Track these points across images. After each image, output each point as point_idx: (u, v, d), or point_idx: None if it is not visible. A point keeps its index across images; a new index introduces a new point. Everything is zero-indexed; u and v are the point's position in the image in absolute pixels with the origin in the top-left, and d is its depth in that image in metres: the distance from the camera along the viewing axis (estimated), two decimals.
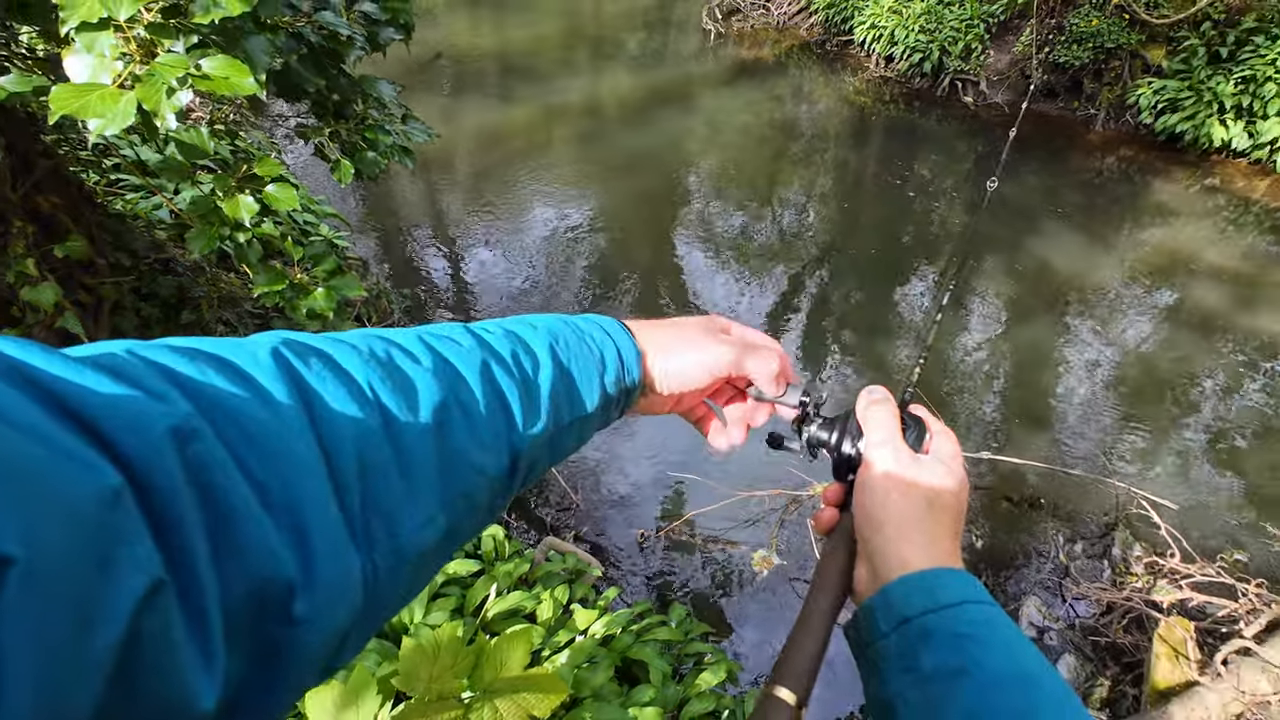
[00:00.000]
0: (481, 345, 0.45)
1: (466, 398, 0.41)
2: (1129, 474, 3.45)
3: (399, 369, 0.38)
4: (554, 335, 0.49)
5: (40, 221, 1.88)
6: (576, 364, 0.49)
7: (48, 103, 0.90)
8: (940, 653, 0.41)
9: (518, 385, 0.44)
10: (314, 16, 1.52)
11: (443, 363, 0.41)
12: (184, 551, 0.24)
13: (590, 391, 0.49)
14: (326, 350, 0.37)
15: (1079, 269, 5.11)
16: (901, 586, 0.45)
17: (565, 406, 0.47)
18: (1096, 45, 6.99)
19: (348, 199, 5.67)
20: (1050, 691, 0.40)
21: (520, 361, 0.46)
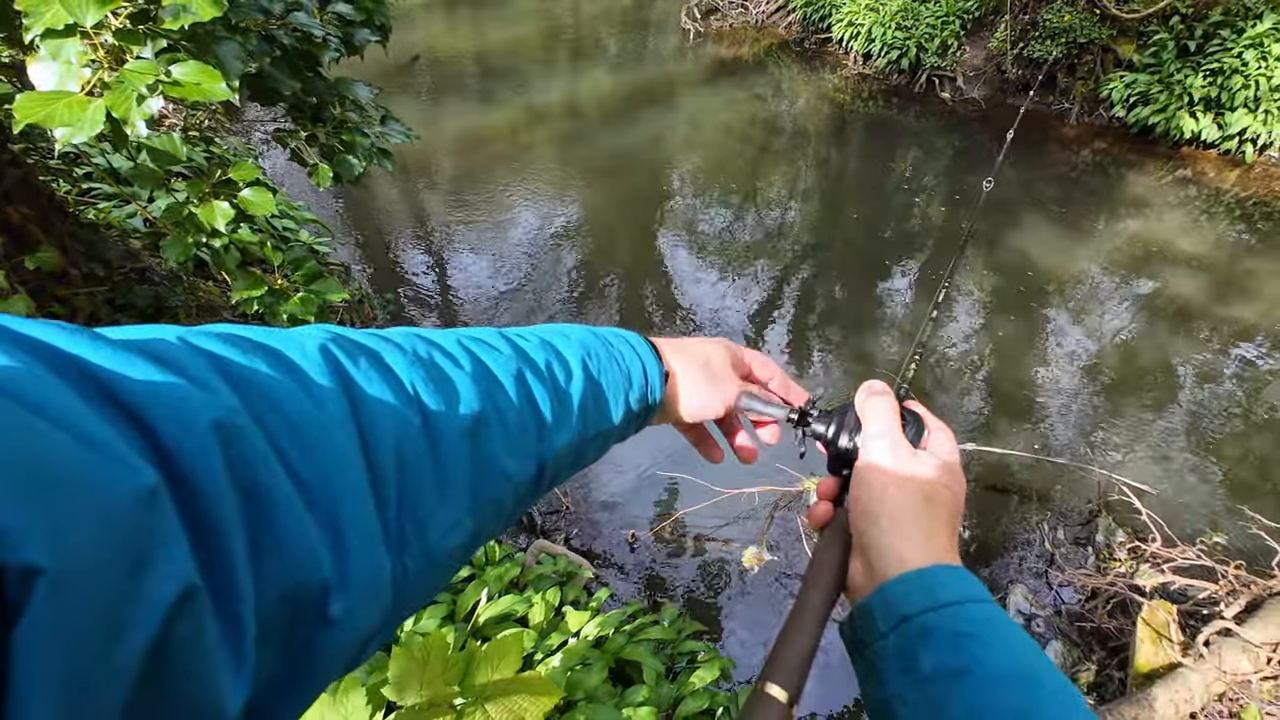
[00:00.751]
0: (518, 353, 0.45)
1: (503, 404, 0.41)
2: (1110, 461, 3.51)
3: (441, 371, 0.39)
4: (586, 348, 0.50)
5: (10, 232, 1.83)
6: (605, 378, 0.50)
7: (12, 111, 0.88)
8: (940, 652, 0.41)
9: (550, 394, 0.45)
10: (286, 19, 1.50)
11: (482, 368, 0.42)
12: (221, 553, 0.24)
13: (616, 406, 0.50)
14: (373, 347, 0.37)
15: (1057, 261, 5.19)
16: (900, 585, 0.44)
17: (593, 419, 0.48)
18: (1069, 40, 7.11)
19: (328, 204, 5.61)
20: (1052, 689, 0.39)
21: (554, 371, 0.46)
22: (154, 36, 0.98)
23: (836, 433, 0.56)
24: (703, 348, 0.60)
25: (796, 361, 4.29)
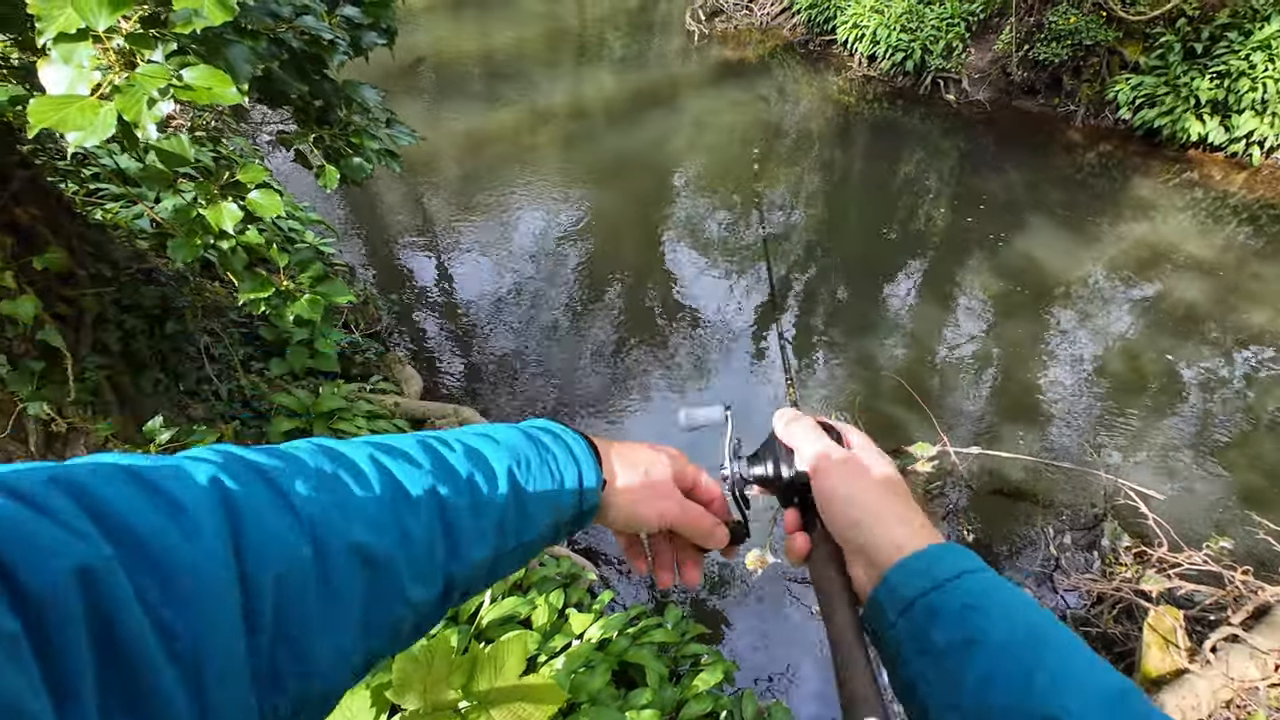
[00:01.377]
0: (438, 465, 0.44)
1: (411, 524, 0.40)
2: (1115, 465, 3.49)
3: (344, 493, 0.38)
4: (515, 455, 0.49)
5: (18, 233, 1.84)
6: (535, 486, 0.49)
7: (26, 115, 0.88)
8: (949, 628, 0.42)
9: (468, 509, 0.44)
10: (295, 22, 1.51)
11: (392, 486, 0.41)
12: (78, 702, 0.24)
13: (543, 515, 0.49)
14: (269, 472, 0.36)
15: (1062, 263, 5.17)
16: (899, 572, 0.46)
17: (513, 532, 0.47)
18: (1075, 42, 7.09)
19: (332, 205, 5.62)
20: (1055, 645, 0.41)
21: (475, 483, 0.45)
22: (165, 40, 0.99)
23: (776, 468, 0.58)
24: (648, 456, 0.58)
25: (800, 362, 4.28)
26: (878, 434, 3.11)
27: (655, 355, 4.25)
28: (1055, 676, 0.39)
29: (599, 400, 3.90)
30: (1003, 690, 0.39)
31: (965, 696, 0.40)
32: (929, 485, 3.40)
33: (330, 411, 2.68)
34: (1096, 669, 0.40)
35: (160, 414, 2.04)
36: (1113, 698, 0.38)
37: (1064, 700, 0.37)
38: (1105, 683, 0.39)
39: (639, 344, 4.32)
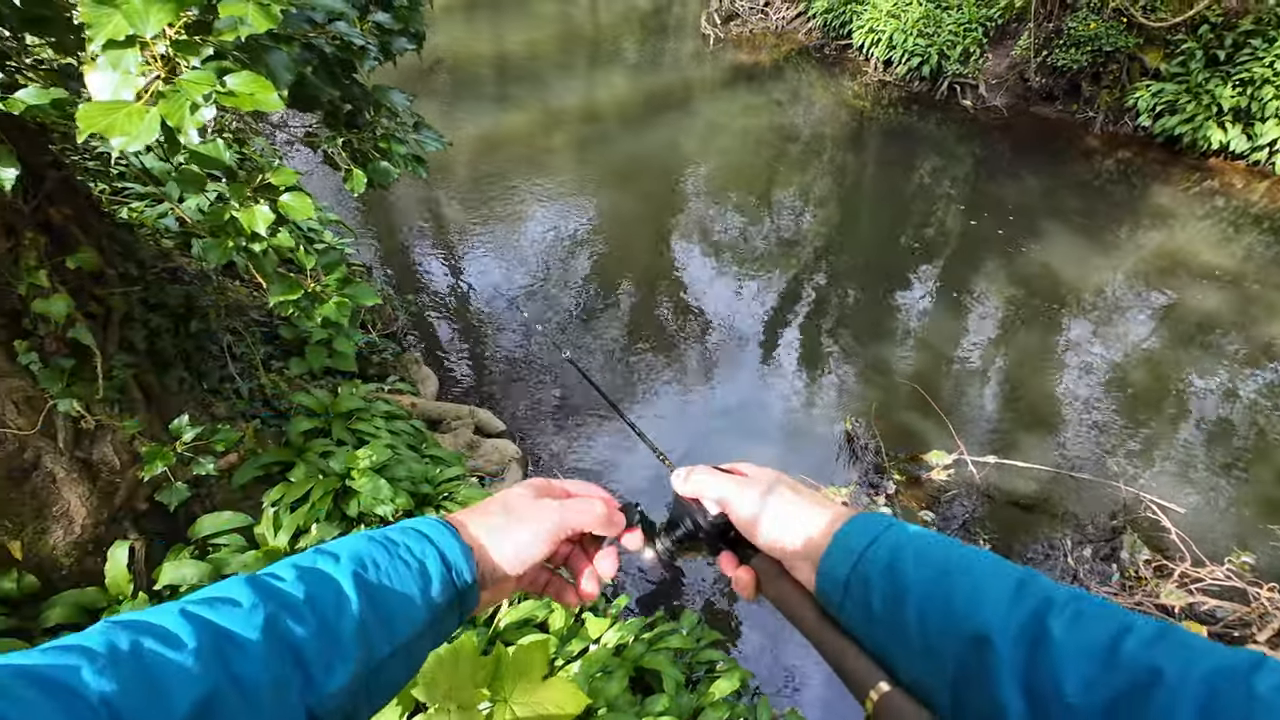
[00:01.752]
0: (267, 598, 0.42)
1: (244, 670, 0.38)
2: (1135, 477, 3.45)
3: (146, 665, 0.36)
4: (359, 561, 0.47)
5: (51, 233, 1.87)
6: (390, 583, 0.47)
7: (68, 119, 0.90)
8: (882, 591, 0.47)
9: (313, 634, 0.42)
10: (328, 27, 1.53)
11: (212, 637, 0.39)
12: None
13: (411, 611, 0.47)
14: (43, 669, 0.33)
15: (1079, 271, 5.13)
16: (827, 560, 0.50)
17: (380, 638, 0.45)
18: (1094, 48, 7.03)
19: (347, 204, 5.67)
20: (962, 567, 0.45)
21: (317, 605, 0.43)
22: (208, 47, 1.00)
23: (694, 523, 0.60)
24: (502, 496, 0.58)
25: (810, 368, 4.27)
26: (893, 442, 3.17)
27: (664, 359, 4.25)
28: (968, 595, 0.44)
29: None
30: (935, 625, 0.44)
31: (913, 641, 0.45)
32: (944, 494, 3.38)
33: (349, 411, 2.69)
34: (998, 573, 0.45)
35: (185, 412, 2.06)
36: (1014, 590, 0.43)
37: (980, 611, 0.42)
38: (1006, 582, 0.44)
39: (648, 347, 4.32)
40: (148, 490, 2.09)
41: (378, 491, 2.30)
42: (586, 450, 3.59)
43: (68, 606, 1.82)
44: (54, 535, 1.93)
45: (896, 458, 3.49)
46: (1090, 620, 0.40)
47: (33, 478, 1.94)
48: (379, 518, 2.34)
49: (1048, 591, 0.42)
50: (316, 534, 2.16)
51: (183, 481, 2.08)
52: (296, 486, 2.27)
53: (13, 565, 1.85)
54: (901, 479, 3.42)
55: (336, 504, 2.31)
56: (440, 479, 2.64)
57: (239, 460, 2.31)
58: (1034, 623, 0.41)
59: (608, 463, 3.52)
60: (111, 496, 2.02)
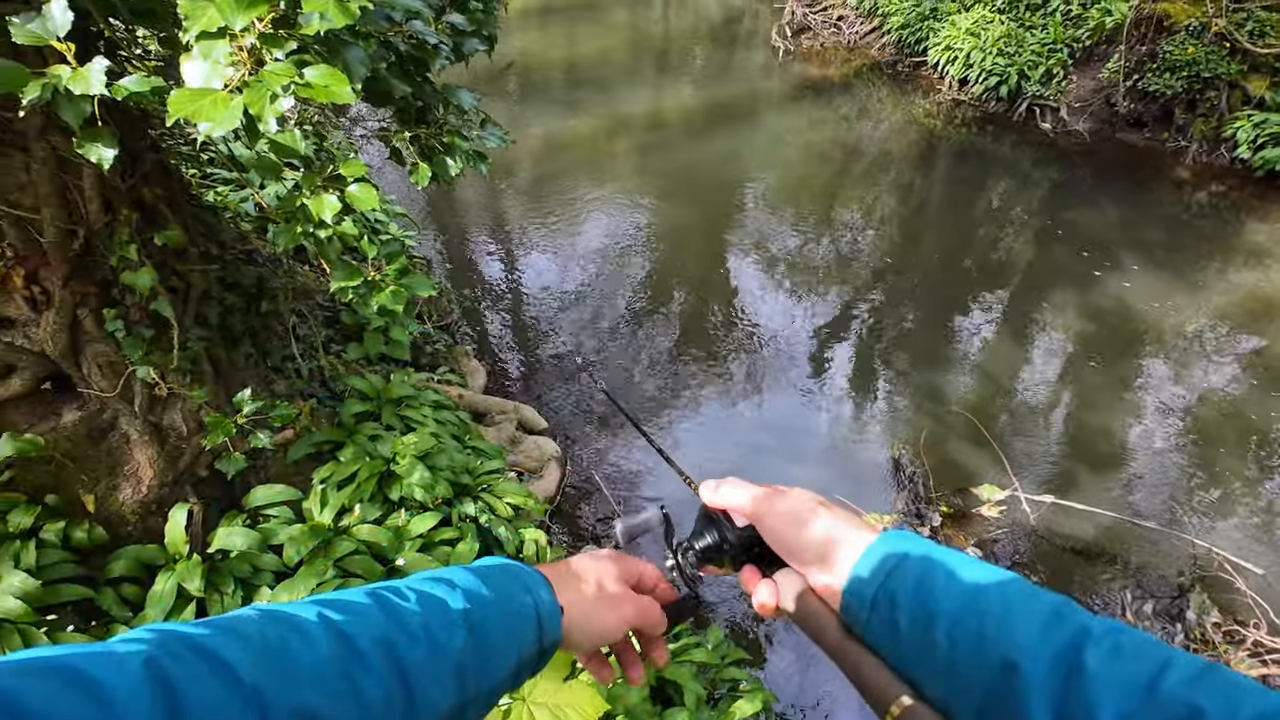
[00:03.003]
0: (389, 616, 0.44)
1: (364, 683, 0.40)
2: (1208, 532, 3.21)
3: (288, 656, 0.38)
4: (470, 598, 0.48)
5: (143, 210, 2.01)
6: (494, 629, 0.48)
7: (166, 106, 0.96)
8: (910, 611, 0.46)
9: (423, 660, 0.43)
10: (404, 26, 1.59)
11: (341, 643, 0.40)
12: None
13: (506, 658, 0.48)
14: (207, 644, 0.36)
15: (1160, 309, 4.82)
16: (853, 579, 0.50)
17: (474, 679, 0.46)
18: (1191, 74, 6.63)
19: (414, 199, 5.88)
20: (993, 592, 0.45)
21: (431, 632, 0.44)
22: (291, 41, 1.06)
23: (720, 534, 0.60)
24: (594, 570, 0.59)
25: (860, 390, 4.15)
26: (942, 473, 3.05)
27: (710, 369, 4.22)
28: (1000, 619, 0.43)
29: (651, 409, 3.90)
30: (964, 648, 0.43)
31: (940, 662, 0.44)
32: (992, 532, 3.22)
33: (399, 398, 2.78)
34: (1032, 598, 0.44)
35: (249, 387, 2.17)
36: (1049, 619, 0.41)
37: (1013, 636, 0.41)
38: (1041, 608, 0.42)
39: (695, 357, 4.30)
40: (209, 458, 2.21)
41: (420, 479, 2.37)
42: (625, 455, 3.60)
43: (130, 560, 1.94)
44: (123, 492, 2.07)
45: (944, 490, 3.35)
46: (1129, 654, 0.38)
47: (109, 437, 2.09)
48: (419, 504, 2.40)
49: (1084, 621, 0.41)
50: (360, 513, 2.24)
51: (241, 452, 2.19)
52: (345, 466, 2.36)
53: (85, 517, 1.98)
54: (948, 512, 3.28)
55: (380, 487, 2.38)
56: (480, 471, 2.69)
57: (294, 436, 2.42)
58: (1069, 653, 0.39)
59: (644, 468, 3.52)
60: (176, 461, 2.14)
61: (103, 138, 1.31)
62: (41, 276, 1.87)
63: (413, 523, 2.29)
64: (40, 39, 1.15)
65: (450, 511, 2.44)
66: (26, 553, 1.77)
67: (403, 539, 2.21)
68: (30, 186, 1.75)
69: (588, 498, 3.37)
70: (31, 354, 1.93)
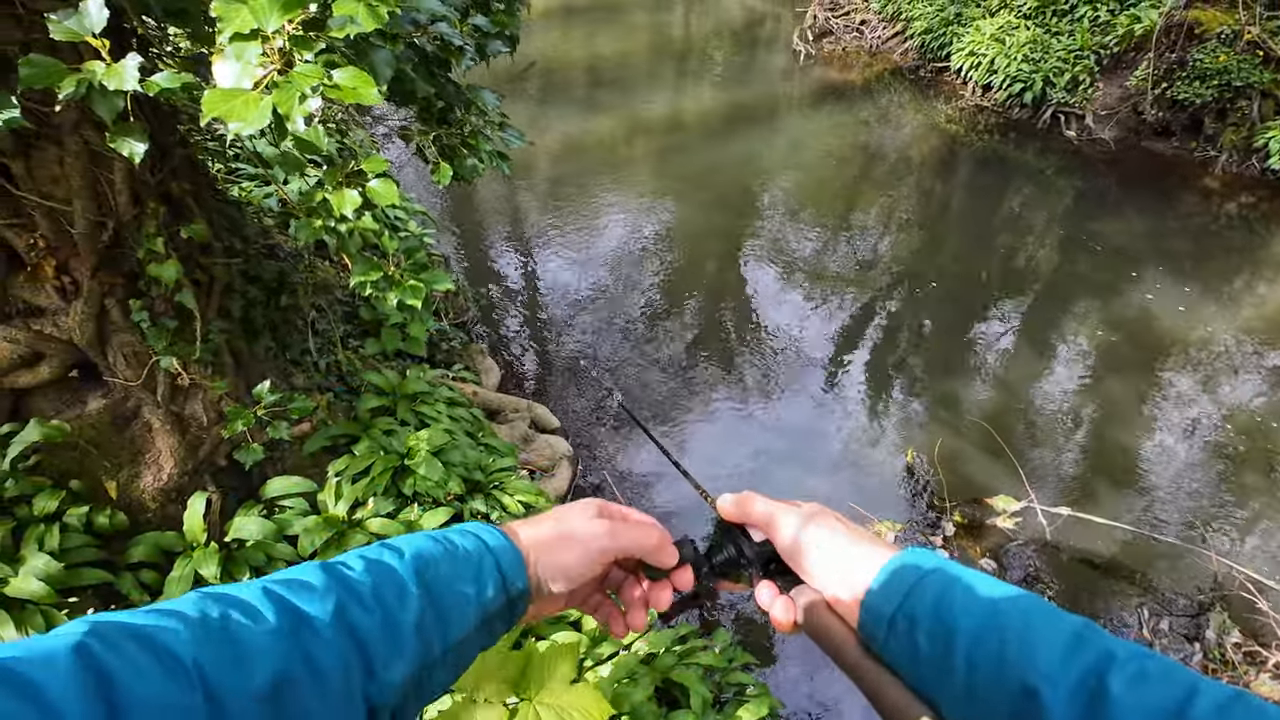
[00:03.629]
0: (339, 585, 0.43)
1: (317, 652, 0.39)
2: (1230, 550, 3.15)
3: (233, 635, 0.37)
4: (421, 559, 0.48)
5: (170, 204, 2.05)
6: (449, 587, 0.47)
7: (200, 106, 0.98)
8: (929, 631, 0.46)
9: (379, 626, 0.43)
10: (430, 28, 1.61)
11: (290, 616, 0.40)
12: None
13: (465, 613, 0.48)
14: (145, 629, 0.35)
15: (1185, 321, 4.73)
16: (872, 594, 0.50)
17: (436, 637, 0.46)
18: (1222, 83, 6.50)
19: (433, 198, 5.93)
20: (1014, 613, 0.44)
21: (382, 597, 0.44)
22: (320, 43, 1.08)
23: (738, 548, 0.59)
24: (557, 511, 0.58)
25: (874, 397, 4.12)
26: (956, 482, 3.01)
27: (724, 373, 4.21)
28: (1021, 641, 0.42)
29: (662, 411, 3.90)
30: (984, 670, 0.42)
31: (960, 684, 0.43)
32: (1007, 543, 3.18)
33: (414, 394, 2.81)
34: (1054, 621, 0.43)
35: (268, 379, 2.21)
36: (1071, 642, 0.41)
37: (1034, 659, 0.41)
38: (1063, 631, 0.42)
39: (709, 360, 4.29)
40: (227, 448, 2.25)
41: (433, 474, 2.39)
42: (637, 457, 3.60)
43: (149, 546, 1.98)
44: (144, 480, 2.11)
45: (958, 500, 3.32)
46: (1155, 680, 0.37)
47: (132, 425, 2.13)
48: (432, 499, 2.43)
49: (1108, 645, 0.40)
50: (373, 506, 2.27)
51: (259, 443, 2.22)
52: (360, 460, 2.39)
53: (107, 503, 2.03)
54: (962, 522, 3.25)
55: (394, 481, 2.41)
56: (493, 468, 2.71)
57: (311, 429, 2.46)
58: (1092, 677, 0.38)
59: (656, 472, 3.52)
60: (196, 450, 2.18)
61: (134, 132, 1.34)
62: (71, 267, 1.91)
63: (425, 517, 2.31)
64: (77, 35, 1.18)
65: (462, 508, 2.46)
66: (50, 536, 1.81)
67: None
68: (63, 179, 1.79)
69: (599, 497, 3.38)
70: (60, 342, 1.98)
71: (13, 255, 1.88)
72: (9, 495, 1.84)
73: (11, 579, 1.67)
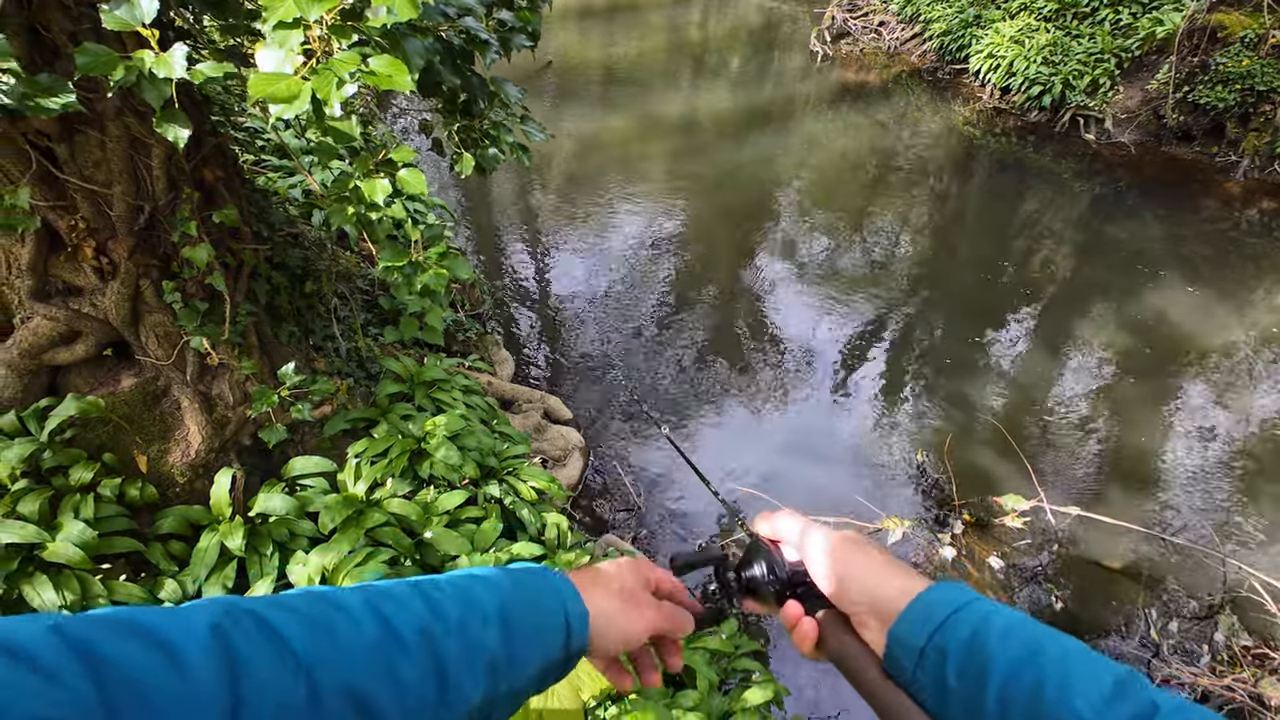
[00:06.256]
0: (429, 608, 0.46)
1: (402, 668, 0.42)
2: (1241, 552, 3.13)
3: (336, 637, 0.40)
4: (505, 598, 0.50)
5: (203, 190, 2.13)
6: (524, 630, 0.49)
7: (247, 88, 1.04)
8: (960, 666, 0.45)
9: (458, 652, 0.45)
10: (458, 21, 1.66)
11: (384, 630, 0.42)
12: None
13: (533, 659, 0.49)
14: (266, 616, 0.38)
15: (1200, 327, 4.70)
16: (903, 622, 0.49)
17: (504, 676, 0.47)
18: (1245, 87, 6.43)
19: (449, 193, 6.01)
20: (1054, 654, 0.43)
21: (466, 626, 0.46)
22: (357, 32, 1.13)
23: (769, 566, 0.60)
24: (618, 574, 0.59)
25: (886, 397, 4.14)
26: (966, 481, 3.04)
27: (737, 371, 4.24)
28: (1060, 685, 0.41)
29: (673, 408, 3.94)
30: (1019, 711, 0.42)
31: None
32: (1015, 542, 3.19)
33: (431, 381, 2.87)
34: (1095, 666, 0.42)
35: (293, 362, 2.28)
36: (1113, 689, 0.40)
37: (1072, 705, 0.40)
38: (1104, 678, 0.41)
39: (720, 360, 4.33)
40: (252, 428, 2.33)
41: (450, 458, 2.45)
42: (649, 452, 3.64)
43: (177, 519, 2.06)
44: (173, 455, 2.19)
45: (967, 499, 3.33)
46: None
47: (163, 403, 2.21)
48: (448, 482, 2.49)
49: (1152, 696, 0.39)
50: (391, 487, 2.33)
51: (282, 424, 2.29)
52: (378, 443, 2.45)
53: (138, 476, 2.11)
54: (970, 520, 3.26)
55: (412, 464, 2.47)
56: (507, 455, 2.77)
57: (331, 412, 2.53)
58: None
59: (668, 467, 3.56)
60: (223, 429, 2.26)
61: (178, 119, 1.41)
62: (109, 248, 1.99)
63: (440, 499, 2.37)
64: (128, 25, 1.25)
65: (477, 492, 2.52)
66: (85, 506, 1.89)
67: (430, 514, 2.29)
68: (104, 164, 1.87)
69: (609, 489, 3.43)
70: (96, 321, 2.06)
71: (54, 236, 1.96)
72: (47, 466, 1.92)
73: (49, 544, 1.75)
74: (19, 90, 1.21)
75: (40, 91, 1.23)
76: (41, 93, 1.23)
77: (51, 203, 1.88)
